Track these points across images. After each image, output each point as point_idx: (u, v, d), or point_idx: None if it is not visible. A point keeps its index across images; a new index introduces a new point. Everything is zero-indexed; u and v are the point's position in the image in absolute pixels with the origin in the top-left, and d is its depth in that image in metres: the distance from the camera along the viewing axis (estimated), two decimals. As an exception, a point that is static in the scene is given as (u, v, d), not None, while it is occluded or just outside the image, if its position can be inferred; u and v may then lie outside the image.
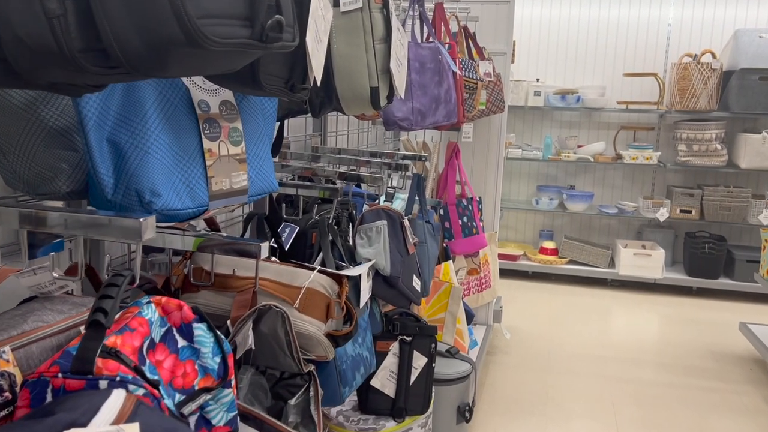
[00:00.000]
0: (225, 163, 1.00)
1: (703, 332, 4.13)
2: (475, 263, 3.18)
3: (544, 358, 3.62)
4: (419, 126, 1.97)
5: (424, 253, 2.13)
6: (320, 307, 1.05)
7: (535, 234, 5.63)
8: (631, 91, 5.28)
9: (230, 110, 1.02)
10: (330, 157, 2.18)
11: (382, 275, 1.55)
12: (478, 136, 3.37)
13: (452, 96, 2.08)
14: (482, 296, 3.45)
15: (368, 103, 1.23)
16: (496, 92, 2.97)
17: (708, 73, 4.75)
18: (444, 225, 2.86)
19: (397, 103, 1.90)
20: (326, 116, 2.37)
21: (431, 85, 1.96)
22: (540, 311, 4.44)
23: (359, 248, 1.54)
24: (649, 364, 3.59)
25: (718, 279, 4.89)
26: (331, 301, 1.06)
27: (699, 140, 4.83)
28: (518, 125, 5.53)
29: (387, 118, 1.92)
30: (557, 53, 5.38)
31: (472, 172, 3.44)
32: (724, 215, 4.90)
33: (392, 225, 1.60)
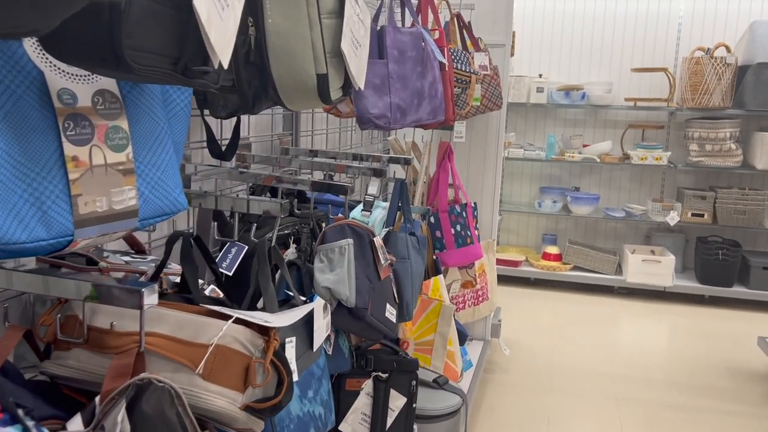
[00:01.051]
0: (100, 175, 0.73)
1: (718, 346, 3.84)
2: (470, 275, 2.90)
3: (545, 376, 3.34)
4: (399, 124, 1.69)
5: (406, 270, 1.85)
6: (235, 372, 0.78)
7: (538, 238, 5.35)
8: (640, 87, 4.98)
9: (110, 103, 0.75)
10: (301, 161, 1.90)
11: (346, 306, 1.28)
12: (474, 136, 3.09)
13: (438, 90, 1.80)
14: (479, 310, 3.17)
15: (315, 95, 0.95)
16: (492, 87, 2.68)
17: (722, 68, 4.46)
18: (434, 234, 2.58)
19: (372, 97, 1.62)
20: (298, 112, 2.09)
21: (412, 76, 1.68)
22: (542, 322, 4.15)
23: (318, 274, 1.27)
24: (659, 383, 3.31)
25: (732, 287, 4.60)
26: (252, 361, 0.79)
27: (712, 139, 4.54)
28: (520, 123, 5.24)
29: (361, 116, 1.64)
30: (561, 47, 5.08)
31: (468, 174, 3.15)
32: (739, 219, 4.60)
33: (360, 244, 1.32)
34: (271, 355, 0.81)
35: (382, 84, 1.63)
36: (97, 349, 0.78)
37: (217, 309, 0.82)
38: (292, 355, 1.01)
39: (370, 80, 1.62)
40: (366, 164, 2.13)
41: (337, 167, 1.86)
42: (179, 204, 0.83)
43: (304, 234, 1.35)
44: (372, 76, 1.62)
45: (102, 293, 0.70)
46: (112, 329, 0.78)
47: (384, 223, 1.94)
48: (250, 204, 1.19)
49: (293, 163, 1.89)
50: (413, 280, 1.88)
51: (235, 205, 1.19)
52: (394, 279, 1.84)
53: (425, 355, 2.28)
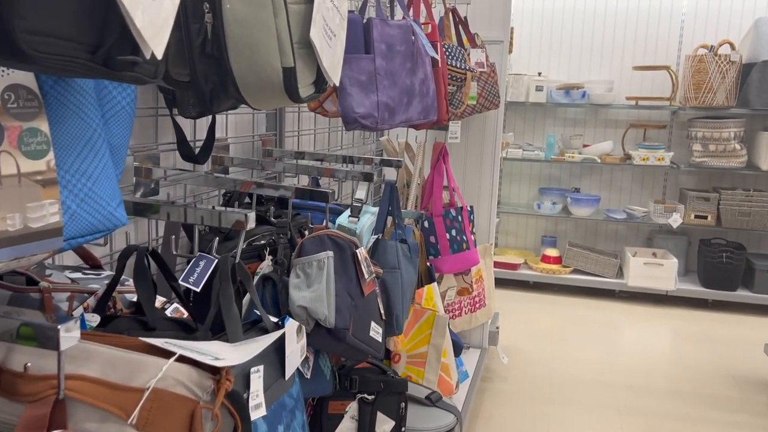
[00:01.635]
0: (11, 187, 0.60)
1: (723, 353, 3.72)
2: (466, 282, 2.78)
3: (545, 385, 3.22)
4: (387, 125, 1.57)
5: (396, 281, 1.72)
6: (178, 420, 0.65)
7: (537, 240, 5.22)
8: (642, 85, 4.86)
9: (26, 101, 0.62)
10: (285, 164, 1.77)
11: (325, 327, 1.16)
12: (470, 136, 2.96)
13: (430, 87, 1.67)
14: (476, 317, 3.05)
15: (281, 92, 0.83)
16: (489, 85, 2.56)
17: (726, 66, 4.33)
18: (428, 239, 2.46)
19: (358, 95, 1.50)
20: (283, 111, 1.97)
21: (402, 73, 1.56)
22: (541, 327, 4.03)
23: (293, 291, 1.14)
24: (662, 393, 3.19)
25: (736, 291, 4.48)
26: (198, 407, 0.67)
27: (716, 139, 4.42)
28: (518, 123, 5.12)
29: (346, 115, 1.52)
30: (561, 44, 4.96)
31: (464, 176, 3.03)
32: (743, 221, 4.48)
33: (341, 257, 1.20)
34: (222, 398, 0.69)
35: (368, 81, 1.51)
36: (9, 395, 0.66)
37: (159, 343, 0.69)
38: (259, 386, 0.88)
39: (355, 77, 1.50)
40: (358, 167, 2.01)
41: (324, 171, 1.74)
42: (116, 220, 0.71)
43: (280, 245, 1.23)
44: (357, 72, 1.50)
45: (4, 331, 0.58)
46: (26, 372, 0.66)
47: (373, 230, 1.82)
48: (213, 215, 1.06)
49: (276, 166, 1.77)
50: (404, 291, 1.76)
51: (195, 217, 1.07)
52: (383, 290, 1.72)
53: (418, 368, 2.15)
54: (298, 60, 0.84)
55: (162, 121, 1.50)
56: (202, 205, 1.53)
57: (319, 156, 2.01)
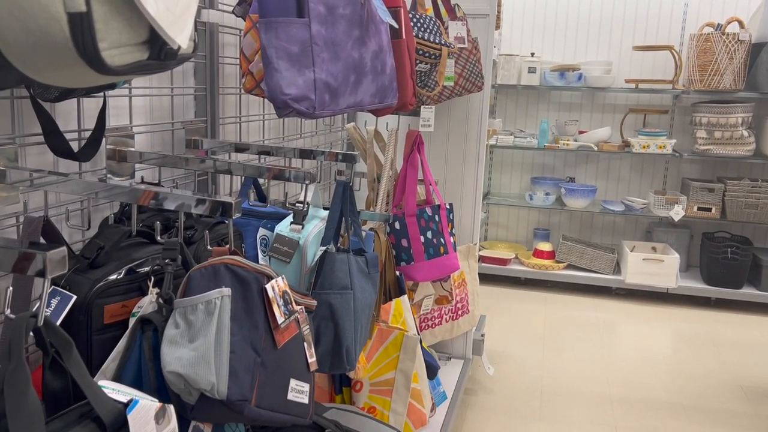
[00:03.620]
0: None
1: (729, 359, 3.41)
2: (445, 289, 2.45)
3: (535, 399, 2.91)
4: (329, 110, 1.22)
5: (347, 305, 1.39)
6: None
7: (529, 234, 4.90)
8: (642, 67, 4.51)
9: None
10: (214, 163, 1.42)
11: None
12: (453, 123, 2.62)
13: (387, 63, 1.33)
14: (458, 325, 2.73)
15: (73, 56, 0.50)
16: (471, 64, 2.21)
17: (734, 46, 3.99)
18: (400, 243, 2.13)
19: (288, 72, 1.15)
20: (215, 90, 1.62)
21: (346, 43, 1.21)
22: (532, 328, 3.72)
23: (166, 349, 0.81)
24: (664, 408, 2.88)
25: (741, 289, 4.17)
26: None
27: (722, 125, 4.09)
28: (509, 108, 4.77)
29: (273, 97, 1.18)
30: (555, 22, 4.60)
31: (446, 169, 2.69)
32: (750, 214, 4.17)
33: (243, 296, 0.87)
34: None
35: (301, 53, 1.16)
36: None
37: None
38: None
39: (284, 48, 1.15)
40: (326, 162, 1.67)
41: (257, 170, 1.39)
42: None
43: (168, 273, 0.90)
44: (286, 41, 1.15)
45: None
46: None
47: (322, 241, 1.48)
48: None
49: (207, 163, 1.42)
50: (358, 316, 1.43)
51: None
52: (330, 317, 1.39)
53: (383, 397, 1.83)
54: (100, 3, 0.50)
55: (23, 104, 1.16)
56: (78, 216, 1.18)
57: (266, 149, 1.67)
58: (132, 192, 1.01)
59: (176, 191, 0.96)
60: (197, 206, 0.94)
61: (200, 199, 0.95)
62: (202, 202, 0.93)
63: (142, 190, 1.00)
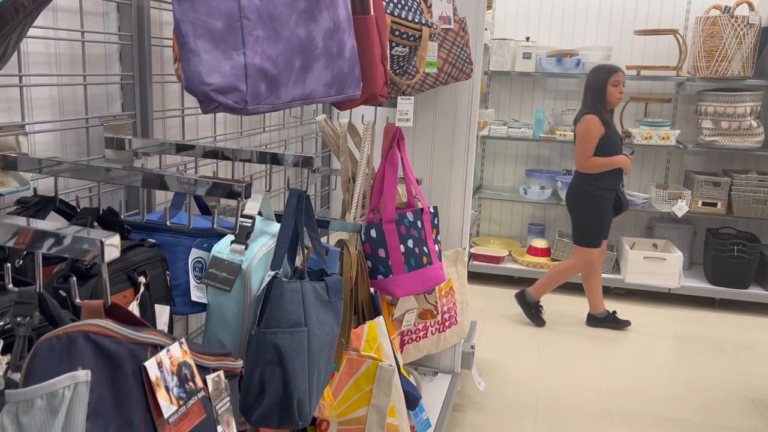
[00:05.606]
0: None
1: (736, 367, 3.18)
2: (429, 302, 2.19)
3: (528, 417, 2.66)
4: (268, 103, 0.95)
5: (299, 346, 1.13)
6: None
7: (523, 229, 4.64)
8: (644, 53, 4.24)
9: None
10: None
11: None
12: (439, 114, 2.35)
13: (345, 44, 1.05)
14: (445, 337, 2.47)
15: None
16: (458, 48, 1.94)
17: (743, 30, 3.72)
18: (377, 254, 1.86)
19: (209, 54, 0.88)
20: (146, 78, 1.33)
21: (289, 17, 0.94)
22: (526, 334, 3.47)
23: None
24: (670, 424, 2.64)
25: (748, 289, 3.94)
26: None
27: (729, 115, 3.83)
28: (503, 96, 4.49)
29: (192, 88, 0.91)
30: (552, 5, 4.31)
31: (431, 166, 2.42)
32: (757, 209, 3.92)
33: (111, 380, 0.61)
34: None
35: (228, 30, 0.89)
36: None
37: None
38: None
39: (203, 23, 0.88)
40: (288, 163, 1.39)
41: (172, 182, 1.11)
42: None
43: (18, 337, 0.63)
44: (207, 14, 0.88)
45: None
46: None
47: (271, 263, 1.22)
48: None
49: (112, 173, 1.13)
50: (314, 358, 1.16)
51: None
52: (277, 361, 1.13)
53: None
54: None
55: None
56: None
57: (214, 149, 1.39)
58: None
59: (34, 222, 0.69)
60: (55, 246, 0.67)
61: (58, 237, 0.67)
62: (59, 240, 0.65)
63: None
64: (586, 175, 3.34)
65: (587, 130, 3.27)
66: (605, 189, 3.33)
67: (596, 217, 3.36)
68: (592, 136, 3.26)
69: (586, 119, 3.28)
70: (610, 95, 3.28)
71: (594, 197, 3.34)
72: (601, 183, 3.32)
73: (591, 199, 3.34)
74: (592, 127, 3.26)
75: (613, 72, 3.27)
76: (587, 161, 3.29)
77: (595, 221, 3.36)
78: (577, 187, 3.39)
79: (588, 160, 3.29)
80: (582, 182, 3.36)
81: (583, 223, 3.40)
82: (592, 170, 3.30)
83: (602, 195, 3.33)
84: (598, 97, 3.29)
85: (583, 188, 3.36)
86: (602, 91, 3.28)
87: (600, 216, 3.35)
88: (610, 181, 3.33)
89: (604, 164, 3.28)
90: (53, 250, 0.68)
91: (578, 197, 3.39)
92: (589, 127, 3.26)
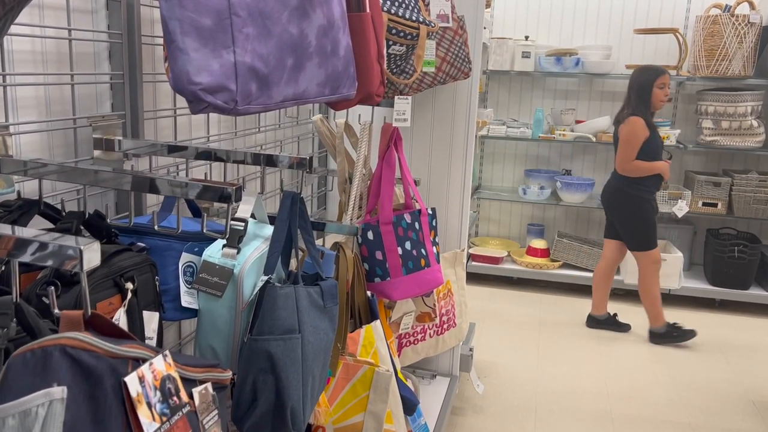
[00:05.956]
0: None
1: (737, 368, 3.15)
2: (427, 305, 2.16)
3: (529, 418, 2.63)
4: (259, 103, 0.92)
5: (292, 354, 1.10)
6: None
7: (522, 230, 4.61)
8: (644, 52, 4.21)
9: None
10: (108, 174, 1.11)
11: None
12: (437, 114, 2.32)
13: (340, 42, 1.02)
14: (443, 340, 2.44)
15: None
16: (456, 47, 1.90)
17: (744, 29, 3.69)
18: (373, 256, 1.83)
19: (197, 53, 0.85)
20: (136, 77, 1.30)
21: (281, 14, 0.90)
22: (525, 335, 3.44)
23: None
24: (671, 427, 2.61)
25: (748, 290, 3.91)
26: None
27: (729, 115, 3.80)
28: (502, 95, 4.46)
29: (180, 87, 0.87)
30: (552, 4, 4.28)
31: (429, 166, 2.39)
32: (758, 210, 3.89)
33: (89, 396, 0.58)
34: None
35: (217, 27, 0.85)
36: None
37: None
38: None
39: (191, 20, 0.85)
40: (284, 165, 1.36)
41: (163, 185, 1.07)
42: None
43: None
44: (195, 11, 0.85)
45: None
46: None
47: (264, 268, 1.18)
48: None
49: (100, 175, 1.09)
50: (308, 365, 1.13)
51: None
52: (270, 370, 1.09)
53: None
54: None
55: None
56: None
57: (207, 150, 1.36)
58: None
59: (6, 228, 0.66)
60: (31, 254, 0.64)
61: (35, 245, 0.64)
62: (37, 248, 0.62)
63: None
64: (626, 178, 3.25)
65: (632, 132, 3.17)
66: (647, 191, 3.24)
67: (644, 219, 3.25)
68: (637, 139, 3.16)
69: (631, 121, 3.18)
70: (654, 97, 3.19)
71: (635, 200, 3.24)
72: (643, 186, 3.23)
73: (632, 201, 3.24)
74: (638, 130, 3.16)
75: (660, 74, 3.17)
76: (630, 164, 3.19)
77: (643, 223, 3.25)
78: (617, 189, 3.29)
79: (631, 163, 3.19)
80: (622, 184, 3.27)
81: (631, 229, 3.29)
82: (634, 174, 3.20)
83: (644, 197, 3.24)
84: (642, 98, 3.19)
85: (623, 191, 3.26)
86: (647, 92, 3.18)
87: (646, 218, 3.25)
88: (653, 184, 3.24)
89: (646, 169, 3.19)
90: (30, 259, 0.65)
91: (618, 200, 3.29)
92: (635, 130, 3.16)
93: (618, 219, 3.34)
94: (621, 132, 3.24)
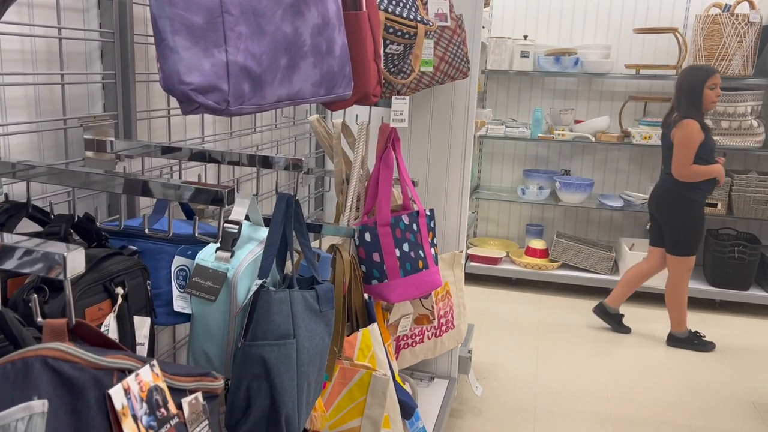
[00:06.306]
0: None
1: (737, 369, 3.13)
2: (425, 307, 2.14)
3: (528, 420, 2.61)
4: (252, 104, 0.90)
5: (287, 359, 1.08)
6: None
7: (521, 230, 4.59)
8: (643, 51, 4.19)
9: None
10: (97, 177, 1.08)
11: None
12: (436, 114, 2.29)
13: (335, 41, 1.00)
14: (442, 342, 2.42)
15: None
16: (455, 46, 1.88)
17: (744, 28, 3.67)
18: (371, 258, 1.80)
19: (188, 52, 0.83)
20: (129, 76, 1.27)
21: (274, 12, 0.88)
22: (524, 336, 3.42)
23: None
24: (670, 428, 2.59)
25: (748, 290, 3.89)
26: None
27: (729, 114, 3.79)
28: (500, 95, 4.44)
29: (170, 87, 0.85)
30: (551, 3, 4.26)
31: (427, 167, 2.37)
32: (758, 210, 3.88)
33: (72, 409, 0.55)
34: None
35: (208, 26, 0.83)
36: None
37: None
38: None
39: (182, 18, 0.82)
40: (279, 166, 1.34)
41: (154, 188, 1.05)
42: None
43: None
44: (186, 9, 0.82)
45: None
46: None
47: (258, 272, 1.16)
48: None
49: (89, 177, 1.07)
50: (303, 371, 1.11)
51: None
52: (264, 375, 1.07)
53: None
54: None
55: None
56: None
57: (201, 151, 1.34)
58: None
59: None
60: (12, 261, 0.62)
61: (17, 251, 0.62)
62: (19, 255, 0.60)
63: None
64: (681, 181, 3.17)
65: (688, 135, 3.07)
66: (703, 195, 3.17)
67: (693, 223, 3.18)
68: (693, 143, 3.07)
69: (686, 124, 3.08)
70: (706, 99, 3.10)
71: (691, 203, 3.16)
72: (698, 189, 3.16)
73: (687, 205, 3.16)
74: (693, 133, 3.07)
75: (710, 74, 3.09)
76: (687, 169, 3.10)
77: (691, 228, 3.19)
78: (672, 193, 3.19)
79: (688, 168, 3.10)
80: (677, 188, 3.17)
81: (678, 231, 3.21)
82: (691, 179, 3.12)
83: (699, 201, 3.16)
84: (693, 100, 3.11)
85: (679, 194, 3.17)
86: (698, 94, 3.10)
87: (695, 222, 3.18)
88: (708, 187, 3.17)
89: (703, 173, 3.11)
90: (13, 266, 0.62)
91: (672, 203, 3.20)
92: (690, 133, 3.07)
93: (666, 220, 3.24)
94: (675, 136, 3.13)
